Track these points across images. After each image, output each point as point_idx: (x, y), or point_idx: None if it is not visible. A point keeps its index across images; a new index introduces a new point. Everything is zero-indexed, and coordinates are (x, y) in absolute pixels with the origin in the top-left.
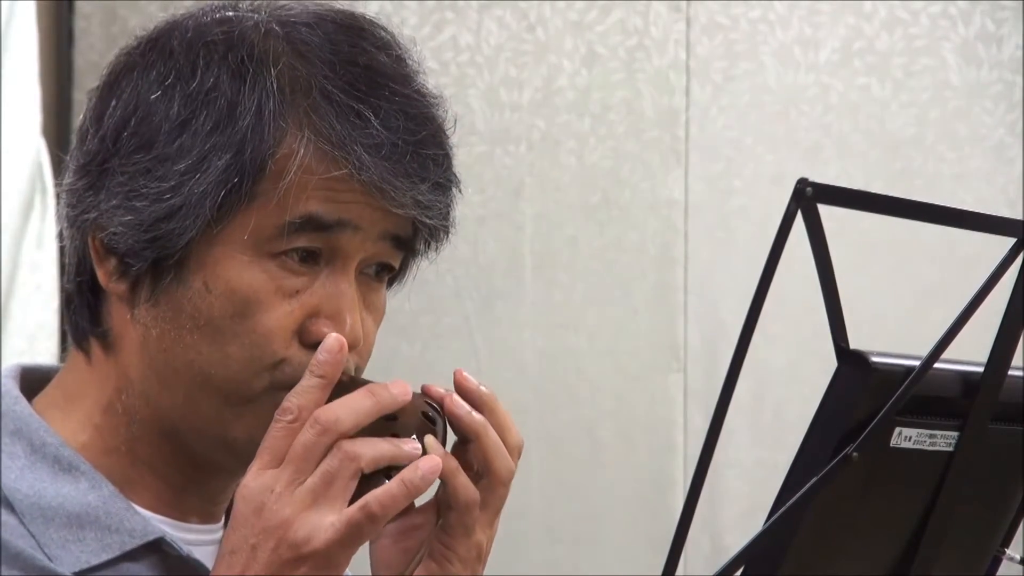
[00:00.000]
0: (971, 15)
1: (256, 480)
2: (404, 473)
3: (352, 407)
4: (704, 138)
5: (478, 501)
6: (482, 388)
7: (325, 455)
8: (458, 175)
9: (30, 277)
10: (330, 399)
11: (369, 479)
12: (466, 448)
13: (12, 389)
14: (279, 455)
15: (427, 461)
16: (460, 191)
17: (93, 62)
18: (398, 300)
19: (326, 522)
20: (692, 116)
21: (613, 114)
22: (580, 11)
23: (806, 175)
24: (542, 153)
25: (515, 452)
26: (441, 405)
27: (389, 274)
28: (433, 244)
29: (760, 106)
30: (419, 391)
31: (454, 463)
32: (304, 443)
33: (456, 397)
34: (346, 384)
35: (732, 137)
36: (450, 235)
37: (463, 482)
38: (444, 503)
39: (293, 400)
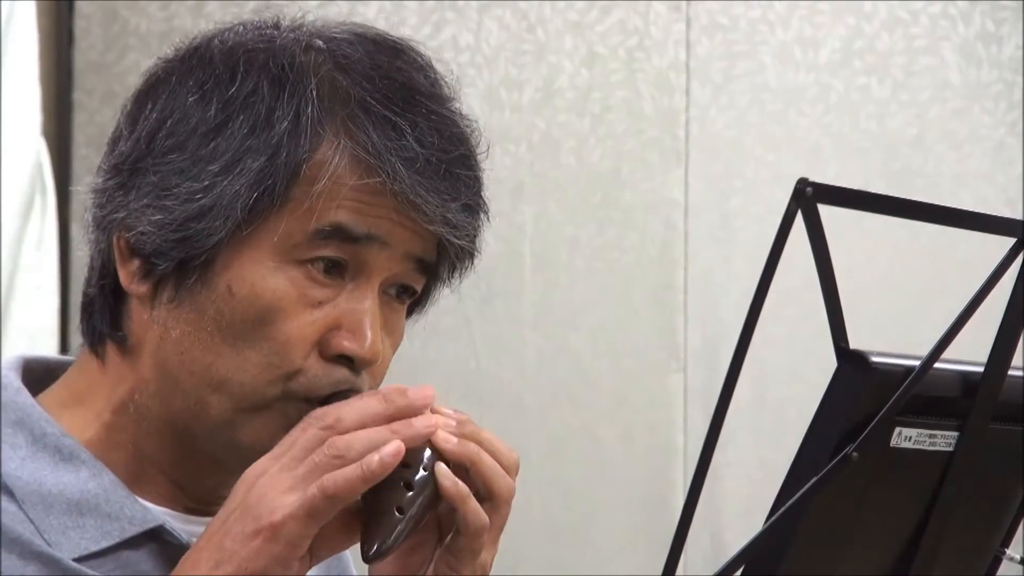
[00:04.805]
0: (971, 15)
1: (260, 464)
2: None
3: (358, 407)
4: (704, 138)
5: (488, 526)
6: (459, 415)
7: None
8: (487, 202)
9: (30, 277)
10: None
11: (389, 489)
12: (465, 473)
13: (14, 380)
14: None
15: (389, 446)
16: (488, 218)
17: (93, 62)
18: None
19: (287, 500)
20: (692, 116)
21: (613, 114)
22: (580, 11)
23: (806, 175)
24: (542, 153)
25: (512, 470)
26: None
27: (411, 298)
28: (458, 269)
29: (760, 106)
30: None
31: (465, 490)
32: (306, 438)
33: (440, 433)
34: None
35: (732, 137)
36: (474, 262)
37: (474, 508)
38: (452, 528)
39: (339, 419)
